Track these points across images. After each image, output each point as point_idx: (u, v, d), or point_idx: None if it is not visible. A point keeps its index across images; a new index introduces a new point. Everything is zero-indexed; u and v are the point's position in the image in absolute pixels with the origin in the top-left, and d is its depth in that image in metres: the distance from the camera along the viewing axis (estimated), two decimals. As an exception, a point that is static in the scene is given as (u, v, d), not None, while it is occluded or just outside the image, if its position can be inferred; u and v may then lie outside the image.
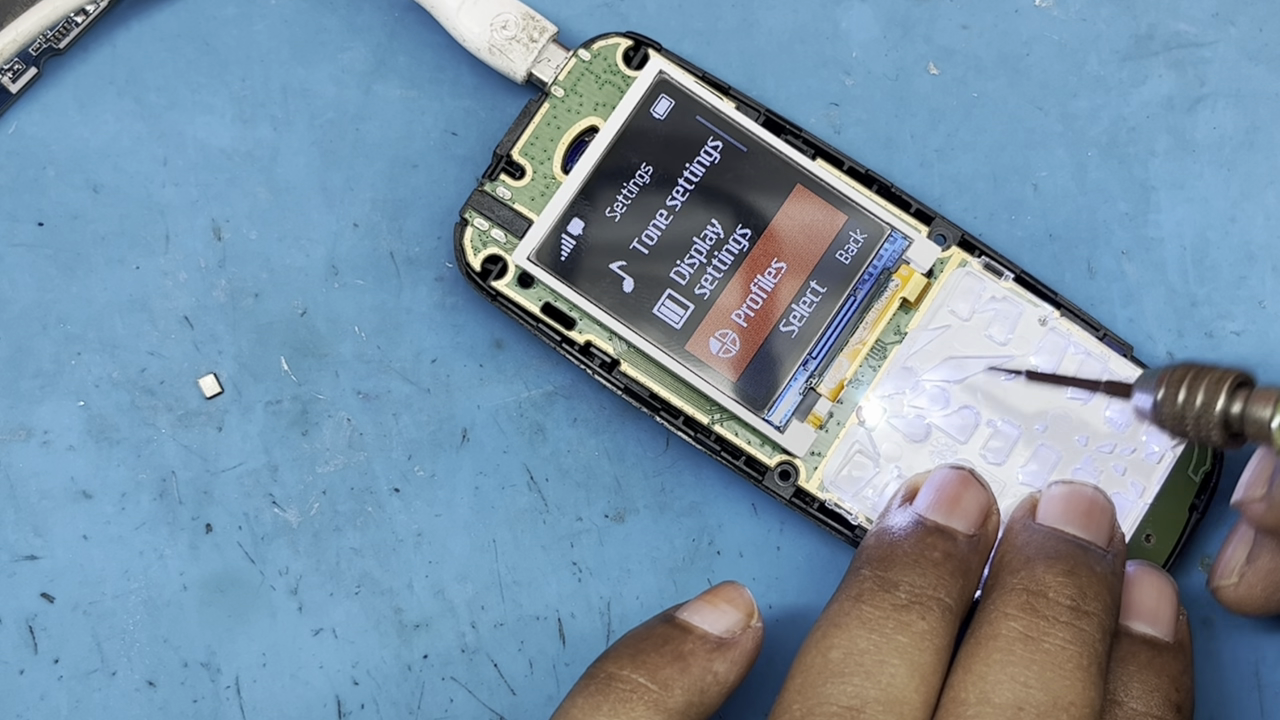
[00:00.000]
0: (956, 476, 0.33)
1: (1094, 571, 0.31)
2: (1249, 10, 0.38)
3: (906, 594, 0.31)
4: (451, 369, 0.37)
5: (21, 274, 0.37)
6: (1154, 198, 0.37)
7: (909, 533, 0.32)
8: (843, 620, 0.31)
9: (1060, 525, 0.33)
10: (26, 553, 0.36)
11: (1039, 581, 0.31)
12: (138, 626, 0.36)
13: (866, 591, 0.31)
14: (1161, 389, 0.30)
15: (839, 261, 0.36)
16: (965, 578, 0.32)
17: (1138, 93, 0.38)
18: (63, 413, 0.37)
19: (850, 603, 0.31)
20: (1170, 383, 0.30)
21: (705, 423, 0.36)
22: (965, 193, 0.38)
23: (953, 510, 0.33)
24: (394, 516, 0.37)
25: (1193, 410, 0.29)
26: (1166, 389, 0.30)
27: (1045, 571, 0.31)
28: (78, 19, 0.38)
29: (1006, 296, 0.36)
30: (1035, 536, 0.32)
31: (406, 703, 0.36)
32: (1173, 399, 0.30)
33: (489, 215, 0.36)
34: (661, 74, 0.36)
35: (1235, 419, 0.29)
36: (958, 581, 0.32)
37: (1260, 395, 0.29)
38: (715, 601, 0.33)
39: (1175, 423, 0.30)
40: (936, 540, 0.32)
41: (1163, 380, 0.30)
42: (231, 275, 0.37)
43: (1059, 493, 0.33)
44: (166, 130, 0.38)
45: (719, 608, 0.33)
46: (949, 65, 0.38)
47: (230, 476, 0.37)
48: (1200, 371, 0.30)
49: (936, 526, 0.33)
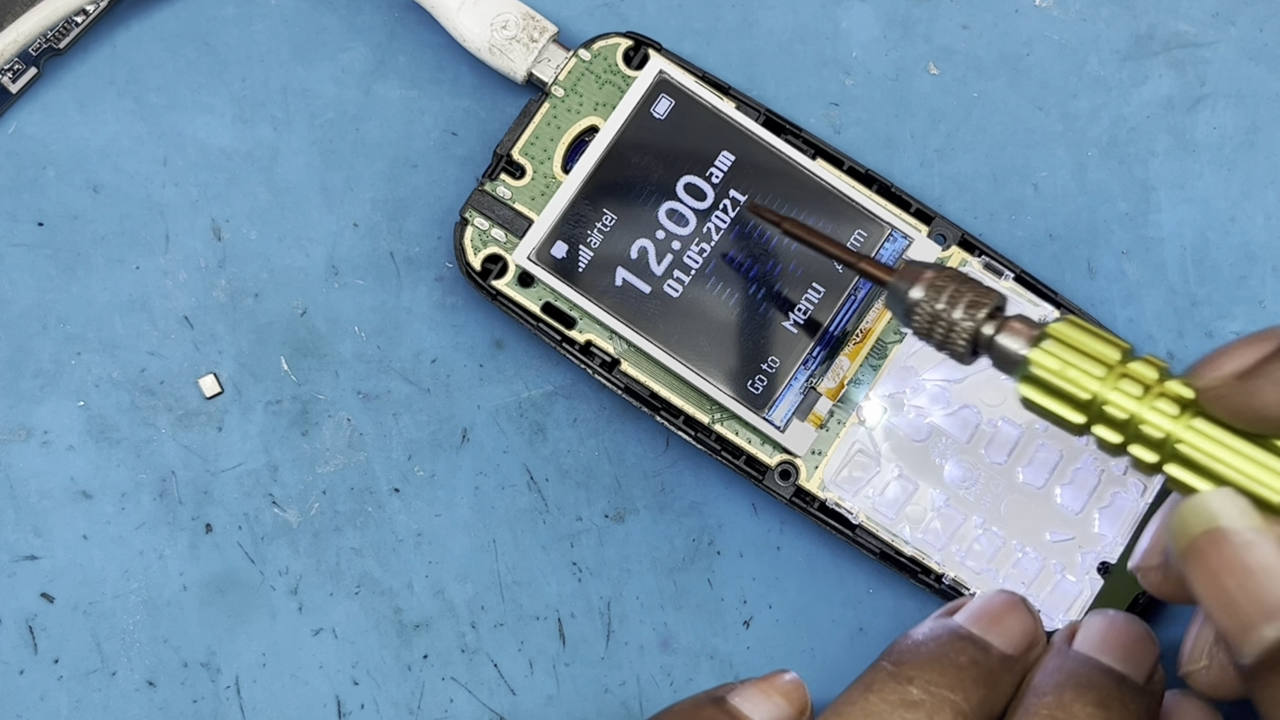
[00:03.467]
0: (1004, 599, 0.31)
1: (1127, 708, 0.29)
2: (1249, 10, 0.38)
3: (920, 690, 0.29)
4: (451, 369, 0.37)
5: (21, 274, 0.37)
6: (1154, 198, 0.37)
7: (939, 634, 0.30)
8: (846, 710, 0.29)
9: (1097, 654, 0.30)
10: (26, 553, 0.36)
11: (1067, 709, 0.29)
12: (138, 626, 0.36)
13: (878, 682, 0.29)
14: (923, 289, 0.30)
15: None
16: (990, 690, 0.29)
17: (1138, 93, 0.38)
18: (63, 413, 0.37)
19: (859, 692, 0.29)
20: (933, 286, 0.30)
21: (705, 422, 0.36)
22: (965, 192, 0.38)
23: (992, 626, 0.31)
24: (394, 516, 0.37)
25: (946, 319, 0.30)
26: (928, 290, 0.30)
27: (1074, 700, 0.29)
28: (78, 19, 0.38)
29: (1007, 296, 0.36)
30: (1069, 663, 0.30)
31: (406, 703, 0.36)
32: (931, 302, 0.30)
33: (489, 215, 0.36)
34: (661, 74, 0.36)
35: (985, 339, 0.29)
36: (979, 691, 0.29)
37: (1013, 327, 0.29)
38: (769, 692, 0.31)
39: (925, 322, 0.30)
40: (966, 645, 0.30)
41: (926, 280, 0.30)
42: (231, 275, 0.37)
43: (1100, 621, 0.31)
44: (166, 130, 0.38)
45: (772, 699, 0.31)
46: (949, 65, 0.38)
47: (230, 476, 0.37)
48: (963, 285, 0.30)
49: (970, 635, 0.30)
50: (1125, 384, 0.27)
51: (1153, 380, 0.27)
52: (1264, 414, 0.25)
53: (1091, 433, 0.28)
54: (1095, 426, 0.27)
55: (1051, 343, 0.28)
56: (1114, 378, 0.27)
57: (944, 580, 0.35)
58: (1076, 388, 0.27)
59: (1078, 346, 0.28)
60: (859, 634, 0.36)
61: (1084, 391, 0.27)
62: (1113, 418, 0.27)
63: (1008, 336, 0.29)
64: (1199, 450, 0.26)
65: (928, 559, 0.35)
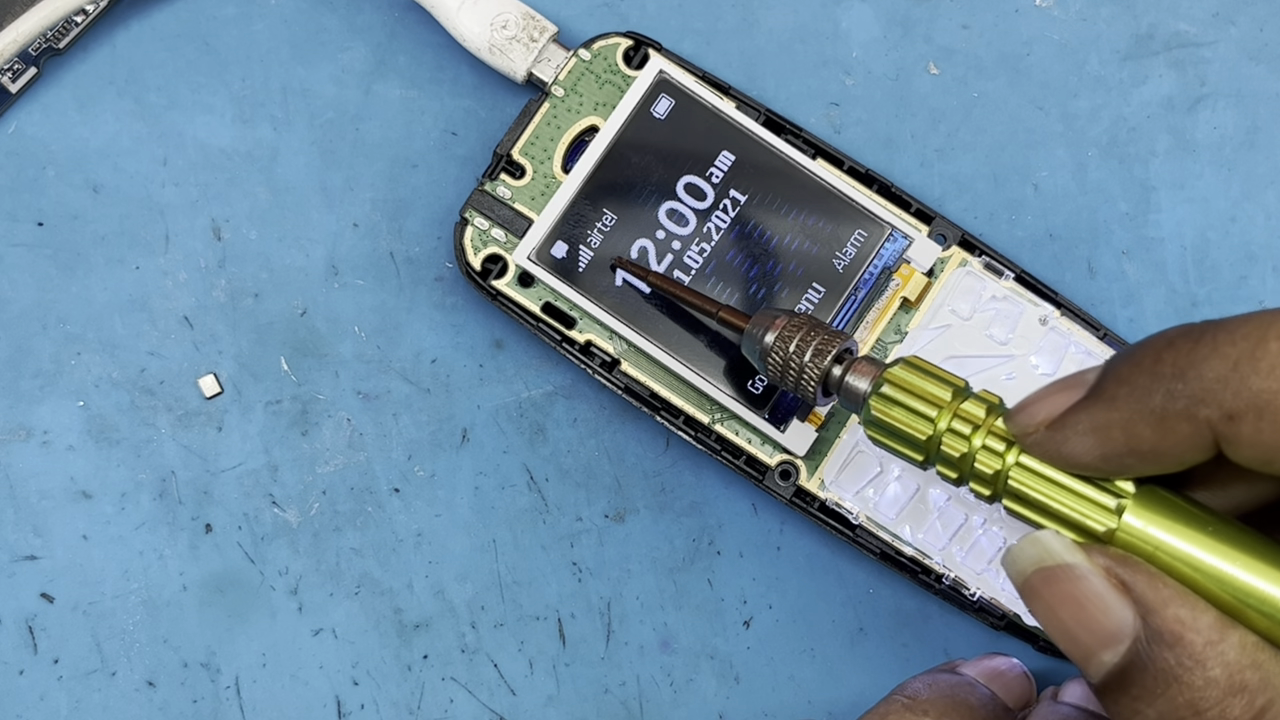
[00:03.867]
0: (1008, 661, 0.34)
1: None
2: (1249, 10, 0.38)
3: None
4: (451, 369, 0.37)
5: (21, 274, 0.37)
6: (1154, 198, 0.37)
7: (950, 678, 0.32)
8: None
9: (1084, 704, 0.31)
10: (26, 553, 0.36)
11: None
12: (137, 626, 0.36)
13: (893, 713, 0.31)
14: (774, 334, 0.32)
15: (839, 261, 0.36)
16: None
17: (1138, 93, 0.38)
18: (62, 413, 0.37)
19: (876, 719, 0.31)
20: (783, 334, 0.32)
21: (705, 422, 0.36)
22: (965, 192, 0.38)
23: (996, 679, 0.33)
24: (394, 516, 0.37)
25: (797, 364, 0.31)
26: (778, 339, 0.32)
27: None
28: (77, 19, 0.38)
29: (1007, 296, 0.36)
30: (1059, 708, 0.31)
31: (406, 703, 0.36)
32: (783, 348, 0.31)
33: (489, 215, 0.36)
34: (662, 74, 0.36)
35: (835, 381, 0.31)
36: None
37: (860, 368, 0.30)
38: None
39: (778, 367, 0.32)
40: (976, 689, 0.31)
41: (777, 328, 0.32)
42: (231, 275, 0.37)
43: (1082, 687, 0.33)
44: (166, 130, 0.38)
45: None
46: (949, 65, 0.38)
47: (230, 476, 0.37)
48: (811, 330, 0.31)
49: (979, 682, 0.32)
50: (957, 423, 0.28)
51: (981, 419, 0.28)
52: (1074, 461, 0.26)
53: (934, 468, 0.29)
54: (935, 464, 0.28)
55: (888, 387, 0.29)
56: (946, 416, 0.28)
57: (944, 580, 0.35)
58: (912, 430, 0.28)
59: (912, 390, 0.29)
60: (859, 634, 0.36)
61: (919, 433, 0.28)
62: (948, 456, 0.28)
63: (854, 378, 0.30)
64: (1025, 485, 0.27)
65: (928, 559, 0.35)
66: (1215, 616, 0.25)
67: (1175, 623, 0.25)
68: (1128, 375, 0.25)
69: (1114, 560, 0.26)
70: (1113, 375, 0.26)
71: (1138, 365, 0.25)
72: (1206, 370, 0.24)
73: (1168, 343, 0.25)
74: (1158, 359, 0.25)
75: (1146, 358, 0.25)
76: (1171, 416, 0.25)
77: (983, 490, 0.28)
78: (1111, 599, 0.25)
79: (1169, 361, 0.25)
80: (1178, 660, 0.25)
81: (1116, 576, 0.25)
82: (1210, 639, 0.25)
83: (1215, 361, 0.24)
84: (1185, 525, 0.26)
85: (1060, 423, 0.26)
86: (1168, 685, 0.25)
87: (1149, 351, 0.25)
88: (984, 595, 0.35)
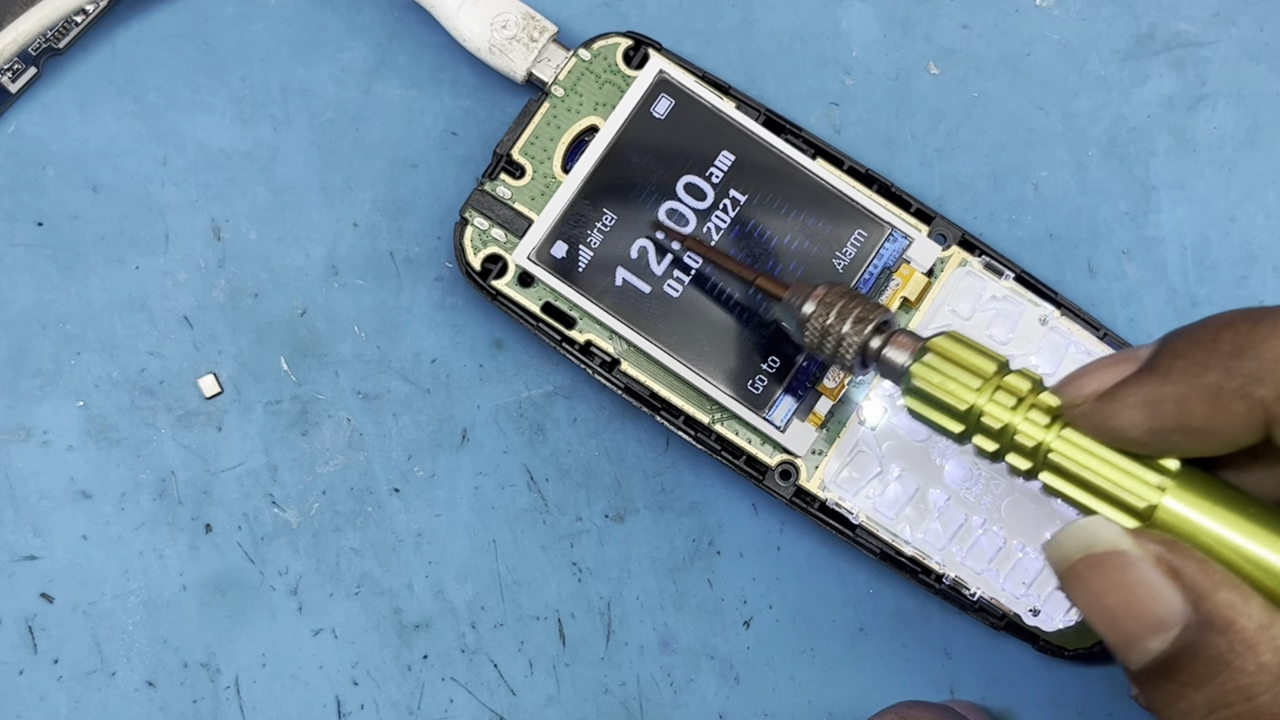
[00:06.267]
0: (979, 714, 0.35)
1: None
2: (1249, 10, 0.38)
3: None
4: (451, 369, 0.37)
5: (21, 274, 0.37)
6: (1154, 197, 0.37)
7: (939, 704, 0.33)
8: None
9: None
10: (26, 553, 0.36)
11: None
12: (137, 627, 0.36)
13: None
14: (814, 304, 0.32)
15: (839, 261, 0.36)
16: None
17: (1138, 92, 0.38)
18: (62, 413, 0.37)
19: None
20: (823, 302, 0.32)
21: (705, 422, 0.36)
22: (965, 192, 0.38)
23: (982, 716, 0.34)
24: (394, 516, 0.36)
25: (836, 333, 0.31)
26: (819, 306, 0.32)
27: None
28: (77, 19, 0.38)
29: (1007, 296, 0.36)
30: None
31: (406, 703, 0.36)
32: (822, 317, 0.32)
33: (489, 215, 0.36)
34: (661, 73, 0.36)
35: (873, 353, 0.31)
36: None
37: (899, 341, 0.30)
38: None
39: (816, 336, 0.32)
40: None
41: (817, 297, 0.32)
42: (231, 275, 0.37)
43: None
44: (166, 130, 0.38)
45: None
46: (949, 65, 0.38)
47: (230, 476, 0.37)
48: (851, 301, 0.32)
49: None
50: (1000, 395, 0.28)
51: (1025, 392, 0.28)
52: (1122, 435, 0.26)
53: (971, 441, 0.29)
54: (974, 436, 0.28)
55: (932, 356, 0.29)
56: (989, 389, 0.28)
57: (944, 580, 0.35)
58: (954, 399, 0.28)
59: (956, 360, 0.29)
60: (859, 634, 0.36)
61: (961, 403, 0.28)
62: (989, 427, 0.28)
63: (893, 350, 0.30)
64: (1068, 459, 0.27)
65: (928, 559, 0.35)
66: (1263, 601, 0.25)
67: (1227, 608, 0.25)
68: (1185, 350, 0.25)
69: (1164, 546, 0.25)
70: (1169, 350, 0.26)
71: (1196, 341, 0.25)
72: (1266, 350, 0.24)
73: (1226, 322, 0.25)
74: (1216, 336, 0.25)
75: (1205, 335, 0.25)
76: (1227, 394, 0.25)
77: (1021, 464, 0.28)
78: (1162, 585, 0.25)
79: (1228, 340, 0.25)
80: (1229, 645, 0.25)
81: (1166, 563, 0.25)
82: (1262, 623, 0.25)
83: (1275, 343, 0.24)
84: (1226, 508, 0.26)
85: (1111, 395, 0.26)
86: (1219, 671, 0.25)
87: (1208, 329, 0.25)
88: (984, 595, 0.35)
